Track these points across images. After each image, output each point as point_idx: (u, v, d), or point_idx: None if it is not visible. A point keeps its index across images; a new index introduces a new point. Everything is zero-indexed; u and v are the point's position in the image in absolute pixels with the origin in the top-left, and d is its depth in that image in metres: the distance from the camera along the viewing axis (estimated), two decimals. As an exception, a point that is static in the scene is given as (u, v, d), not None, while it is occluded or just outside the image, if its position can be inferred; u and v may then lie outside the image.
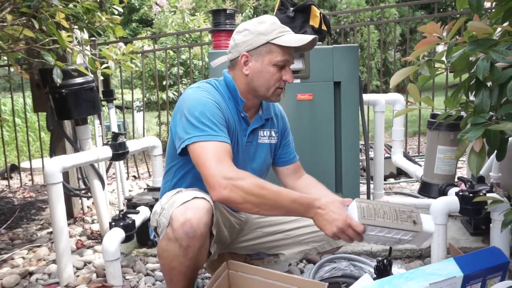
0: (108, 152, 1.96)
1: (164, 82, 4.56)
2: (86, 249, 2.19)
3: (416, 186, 3.04)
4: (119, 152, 2.00)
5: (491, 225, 1.72)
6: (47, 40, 1.86)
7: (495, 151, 1.31)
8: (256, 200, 1.15)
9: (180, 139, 1.25)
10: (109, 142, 1.99)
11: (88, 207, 2.89)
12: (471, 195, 1.63)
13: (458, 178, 1.88)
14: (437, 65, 1.39)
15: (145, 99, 4.87)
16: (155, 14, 7.24)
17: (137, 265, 1.92)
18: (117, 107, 6.35)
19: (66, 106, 2.11)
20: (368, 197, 2.35)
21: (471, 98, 1.39)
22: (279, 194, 1.18)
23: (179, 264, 1.20)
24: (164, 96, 4.64)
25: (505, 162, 2.08)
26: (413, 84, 1.44)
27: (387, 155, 3.03)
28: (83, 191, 2.68)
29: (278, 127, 1.51)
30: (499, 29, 1.35)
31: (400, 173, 3.33)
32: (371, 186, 2.40)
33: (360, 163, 3.44)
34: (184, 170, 1.38)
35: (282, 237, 1.49)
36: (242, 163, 1.40)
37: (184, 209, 1.17)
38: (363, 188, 2.56)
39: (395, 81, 1.36)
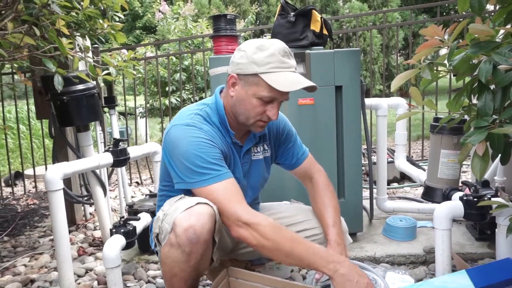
0: (109, 158, 1.96)
1: (167, 88, 4.57)
2: (87, 256, 2.18)
3: (420, 190, 3.01)
4: (120, 159, 1.99)
5: (496, 230, 1.69)
6: (48, 47, 1.86)
7: (499, 154, 1.29)
8: (271, 245, 1.15)
9: (181, 181, 1.24)
10: (110, 149, 1.99)
11: (90, 213, 2.88)
12: (475, 199, 1.60)
13: (462, 182, 1.86)
14: (439, 68, 1.38)
15: (148, 105, 4.88)
16: (158, 21, 7.28)
17: (138, 272, 1.91)
18: (120, 113, 6.37)
19: (68, 113, 2.11)
20: (371, 203, 2.33)
21: (474, 101, 1.37)
22: (295, 242, 1.16)
23: (181, 271, 1.19)
24: (167, 102, 4.65)
25: (509, 166, 2.06)
26: (415, 88, 1.43)
27: (390, 159, 3.01)
28: (85, 198, 2.68)
29: (270, 138, 1.48)
30: (501, 31, 1.34)
31: (404, 177, 3.31)
32: (374, 191, 2.37)
33: (363, 168, 3.43)
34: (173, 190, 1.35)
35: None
36: (240, 182, 1.37)
37: (187, 214, 1.16)
38: (366, 193, 2.54)
39: (397, 84, 1.35)
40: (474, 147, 1.24)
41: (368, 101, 2.33)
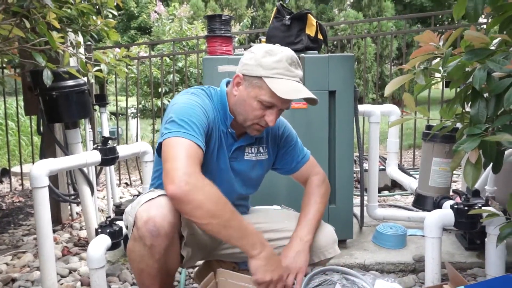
0: (97, 156, 1.92)
1: (160, 89, 4.53)
2: (72, 256, 2.13)
3: (411, 198, 3.00)
4: (109, 157, 1.95)
5: (486, 239, 1.69)
6: (38, 40, 1.83)
7: (491, 163, 1.29)
8: (213, 209, 1.10)
9: (160, 136, 1.23)
10: (99, 147, 1.95)
11: (77, 213, 2.83)
12: (466, 208, 1.60)
13: (453, 191, 1.85)
14: (433, 74, 1.38)
15: (140, 106, 4.84)
16: (153, 22, 7.26)
17: (123, 274, 1.87)
18: (112, 113, 6.31)
19: (57, 109, 2.07)
20: (362, 210, 2.32)
21: (467, 109, 1.36)
22: (235, 217, 1.15)
23: (147, 266, 1.17)
24: (159, 103, 4.61)
25: (501, 175, 2.06)
26: (409, 94, 1.42)
27: (381, 167, 3.01)
28: (72, 197, 2.63)
29: (268, 141, 1.45)
30: (496, 40, 1.34)
31: (395, 185, 3.30)
32: (365, 198, 2.36)
33: (354, 175, 3.42)
34: None
35: (268, 247, 1.44)
36: (222, 177, 1.35)
37: (148, 207, 1.14)
38: (356, 200, 2.53)
39: (390, 89, 1.34)
40: (466, 154, 1.23)
41: (361, 107, 2.33)
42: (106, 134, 2.50)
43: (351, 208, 2.10)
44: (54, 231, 2.51)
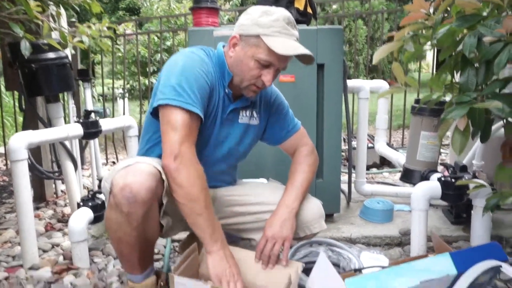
0: (79, 130, 1.87)
1: (147, 69, 4.45)
2: (55, 232, 2.09)
3: (399, 176, 3.00)
4: (91, 131, 1.90)
5: (472, 212, 1.69)
6: (14, 9, 1.75)
7: (480, 133, 1.27)
8: (192, 193, 1.13)
9: (157, 99, 1.19)
10: (81, 120, 1.90)
11: (62, 191, 2.78)
12: (453, 180, 1.59)
13: (441, 164, 1.84)
14: (422, 42, 1.34)
15: (128, 85, 4.75)
16: (141, 2, 7.10)
17: (106, 248, 1.84)
18: (99, 95, 6.19)
19: (37, 81, 2.00)
20: (350, 185, 2.31)
21: (457, 79, 1.34)
22: (208, 208, 1.16)
23: (125, 234, 1.13)
24: (147, 82, 4.53)
25: (488, 151, 2.05)
26: (398, 64, 1.39)
27: (370, 145, 3.00)
28: (56, 174, 2.57)
29: (261, 107, 1.43)
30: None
31: (383, 163, 3.30)
32: (353, 175, 2.35)
33: (343, 153, 3.40)
34: (155, 141, 1.31)
35: (252, 220, 1.42)
36: (215, 140, 1.33)
37: (124, 173, 1.10)
38: (344, 177, 2.51)
39: (379, 57, 1.30)
40: (454, 123, 1.20)
41: (350, 82, 2.29)
42: (90, 108, 2.43)
43: (339, 183, 2.08)
44: (37, 208, 2.47)
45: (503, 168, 1.29)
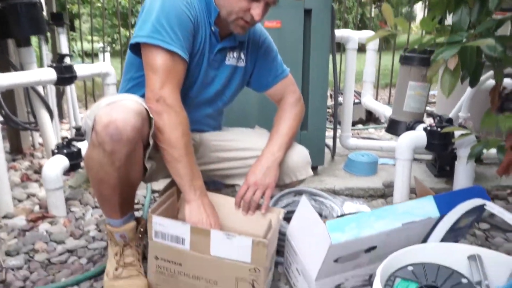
0: (52, 74, 1.76)
1: (128, 20, 4.25)
2: (32, 182, 2.03)
3: (384, 133, 2.99)
4: (65, 76, 1.80)
5: (456, 163, 1.68)
6: None
7: (469, 77, 1.22)
8: (172, 138, 1.10)
9: (135, 35, 1.12)
10: (54, 64, 1.79)
11: (39, 143, 2.70)
12: (439, 129, 1.56)
13: (428, 113, 1.81)
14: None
15: (108, 39, 4.55)
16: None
17: (84, 198, 1.79)
18: (79, 54, 5.94)
19: (5, 22, 1.87)
20: (334, 139, 2.28)
21: (450, 21, 1.27)
22: (188, 155, 1.12)
23: (106, 175, 1.07)
24: (128, 33, 4.35)
25: (475, 104, 2.03)
26: (388, 5, 1.31)
27: (357, 100, 2.95)
28: (33, 125, 2.48)
29: (248, 48, 1.35)
30: None
31: (369, 120, 3.28)
32: (338, 131, 2.31)
33: (329, 110, 3.36)
34: (137, 80, 1.24)
35: (238, 165, 1.38)
36: (201, 82, 1.26)
37: (109, 109, 1.03)
38: (330, 133, 2.47)
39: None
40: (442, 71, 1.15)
41: (338, 32, 2.21)
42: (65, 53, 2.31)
43: (323, 134, 2.05)
44: (14, 160, 2.39)
45: (490, 115, 1.26)
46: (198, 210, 1.14)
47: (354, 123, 3.07)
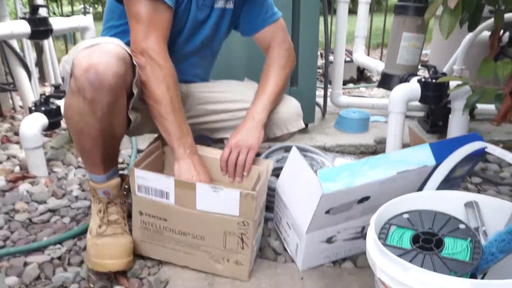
0: (25, 27, 1.65)
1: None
2: (12, 144, 1.95)
3: (375, 91, 2.94)
4: (40, 29, 1.69)
5: (450, 116, 1.64)
6: None
7: (468, 22, 1.16)
8: (156, 93, 1.04)
9: None
10: (27, 16, 1.67)
11: (20, 106, 2.59)
12: (433, 81, 1.50)
13: (422, 64, 1.75)
14: None
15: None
16: None
17: (67, 158, 1.72)
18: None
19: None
20: (325, 97, 2.21)
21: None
22: (175, 111, 1.06)
23: (87, 125, 0.99)
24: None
25: (470, 57, 1.97)
26: None
27: (347, 59, 2.87)
28: (12, 85, 2.37)
29: None
30: None
31: (360, 79, 3.21)
32: (329, 91, 2.25)
33: (319, 70, 3.28)
34: (119, 29, 1.16)
35: (227, 117, 1.31)
36: (190, 28, 1.18)
37: (89, 52, 0.94)
38: (320, 92, 2.41)
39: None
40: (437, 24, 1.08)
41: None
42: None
43: (314, 92, 1.98)
44: (-7, 122, 2.30)
45: (488, 62, 1.20)
46: (188, 168, 1.09)
47: (345, 82, 3.00)
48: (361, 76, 3.20)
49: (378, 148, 1.87)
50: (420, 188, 1.01)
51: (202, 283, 1.05)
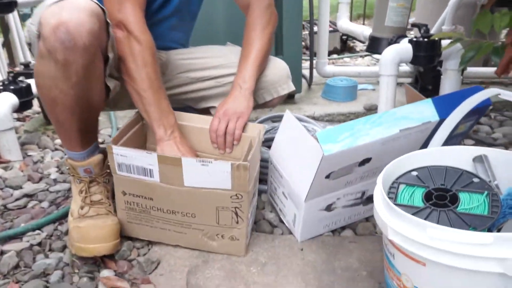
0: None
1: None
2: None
3: (360, 61, 2.88)
4: (3, 1, 1.55)
5: (442, 77, 1.58)
6: None
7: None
8: (132, 69, 0.96)
9: None
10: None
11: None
12: (425, 40, 1.44)
13: (412, 24, 1.69)
14: None
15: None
16: None
17: (42, 141, 1.61)
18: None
19: None
20: (311, 67, 2.14)
21: None
22: (153, 88, 0.98)
23: (61, 93, 0.88)
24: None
25: (458, 17, 1.91)
26: None
27: (331, 29, 2.79)
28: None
29: None
30: None
31: (344, 50, 3.14)
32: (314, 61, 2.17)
33: (303, 42, 3.19)
34: None
35: (212, 85, 1.22)
36: None
37: (58, 9, 0.82)
38: (305, 64, 2.33)
39: None
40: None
41: None
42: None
43: (300, 61, 1.91)
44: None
45: (486, 14, 1.14)
46: (171, 150, 1.01)
47: (329, 53, 2.92)
48: (344, 46, 3.13)
49: (368, 115, 1.81)
50: (423, 147, 0.96)
51: (196, 261, 0.98)
